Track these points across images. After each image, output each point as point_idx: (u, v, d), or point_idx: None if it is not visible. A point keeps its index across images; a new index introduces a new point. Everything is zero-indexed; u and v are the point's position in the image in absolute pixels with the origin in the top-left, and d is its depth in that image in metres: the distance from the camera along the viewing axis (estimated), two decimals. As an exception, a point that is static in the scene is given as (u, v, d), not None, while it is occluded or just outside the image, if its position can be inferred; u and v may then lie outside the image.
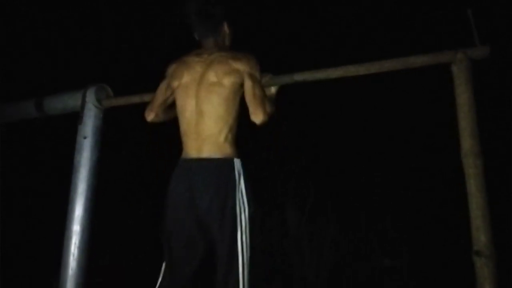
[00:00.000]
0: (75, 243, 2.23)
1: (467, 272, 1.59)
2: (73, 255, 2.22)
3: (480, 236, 1.48)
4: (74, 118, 2.37)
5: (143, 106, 2.24)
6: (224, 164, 1.75)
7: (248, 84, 1.80)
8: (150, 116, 1.98)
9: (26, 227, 3.49)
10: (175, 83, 1.89)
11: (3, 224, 2.96)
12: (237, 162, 1.76)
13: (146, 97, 2.25)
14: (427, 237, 3.73)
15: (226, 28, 1.92)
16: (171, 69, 1.96)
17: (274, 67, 2.01)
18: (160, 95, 1.97)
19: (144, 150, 3.78)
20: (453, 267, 3.17)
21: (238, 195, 1.72)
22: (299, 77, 1.95)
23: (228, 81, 1.78)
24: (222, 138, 1.77)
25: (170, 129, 2.02)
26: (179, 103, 1.87)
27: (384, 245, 3.84)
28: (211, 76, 1.80)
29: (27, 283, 3.29)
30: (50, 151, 3.50)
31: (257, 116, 1.79)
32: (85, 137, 2.34)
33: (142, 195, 3.97)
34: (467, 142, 1.58)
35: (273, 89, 2.02)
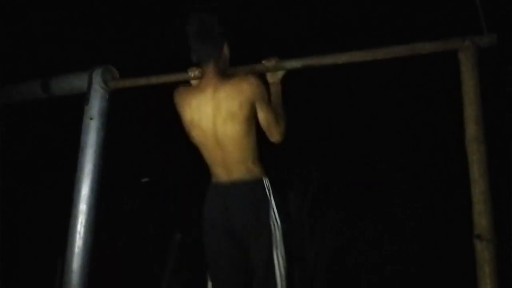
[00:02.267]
0: (81, 222, 2.26)
1: (467, 256, 1.62)
2: (79, 234, 2.26)
3: (481, 220, 1.51)
4: (81, 99, 2.39)
5: (149, 88, 2.27)
6: (256, 184, 1.82)
7: (261, 114, 1.82)
8: None
9: (33, 206, 3.53)
10: (187, 116, 1.87)
11: (10, 205, 3.00)
12: (266, 181, 1.84)
13: (152, 79, 2.27)
14: (428, 222, 3.77)
15: (226, 49, 1.89)
16: (178, 99, 1.91)
17: (280, 51, 2.02)
18: None
19: (150, 131, 3.79)
20: (453, 252, 3.21)
21: (271, 212, 1.79)
22: (305, 62, 1.96)
23: (241, 113, 1.77)
24: (249, 162, 1.82)
25: (175, 111, 2.03)
26: (198, 141, 1.89)
27: (384, 231, 3.87)
28: (224, 112, 1.78)
29: (33, 261, 3.35)
30: (56, 131, 3.52)
31: (274, 138, 1.89)
32: (91, 118, 2.36)
33: (148, 175, 4.00)
34: (472, 128, 1.60)
35: (279, 74, 2.02)
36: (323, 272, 3.73)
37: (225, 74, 1.88)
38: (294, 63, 1.98)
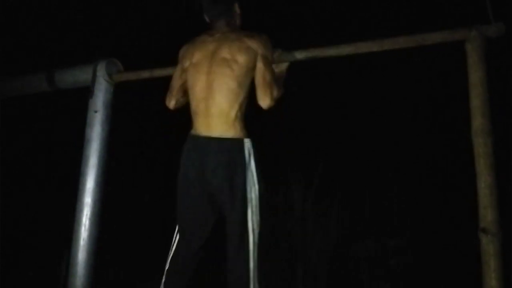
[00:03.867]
0: (86, 215, 2.28)
1: (472, 250, 1.61)
2: (85, 226, 2.28)
3: (487, 213, 1.49)
4: (85, 92, 2.39)
5: (153, 81, 2.26)
6: (235, 144, 1.76)
7: (259, 66, 1.80)
8: (171, 103, 1.99)
9: (38, 199, 3.56)
10: (186, 63, 1.90)
11: (15, 197, 3.03)
12: (247, 142, 1.77)
13: (156, 72, 2.26)
14: (432, 215, 3.75)
15: (237, 8, 1.91)
16: (182, 51, 1.96)
17: (284, 42, 2.00)
18: (176, 80, 1.97)
19: (154, 123, 3.79)
20: (458, 245, 3.19)
21: (249, 175, 1.73)
22: (309, 53, 1.94)
23: (241, 58, 1.77)
24: (232, 115, 1.76)
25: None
26: (190, 80, 1.87)
27: (388, 224, 3.86)
28: (224, 53, 1.79)
29: (39, 254, 3.38)
30: (61, 124, 3.53)
31: (264, 101, 1.82)
32: (96, 111, 2.37)
33: (153, 168, 4.01)
34: (478, 121, 1.58)
35: (283, 66, 1.99)
36: (326, 265, 3.73)
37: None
38: (298, 54, 1.95)
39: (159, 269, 1.90)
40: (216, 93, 1.77)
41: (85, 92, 2.39)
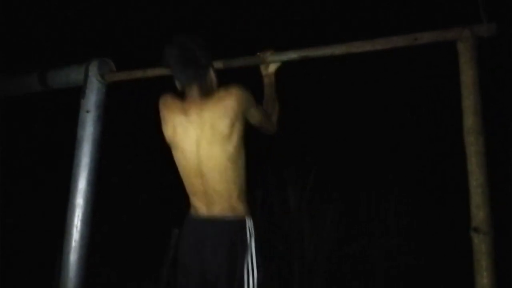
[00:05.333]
0: (78, 216, 2.26)
1: (464, 249, 1.61)
2: (76, 228, 2.26)
3: (479, 212, 1.49)
4: (77, 92, 2.37)
5: (146, 81, 2.25)
6: (237, 225, 1.68)
7: (251, 118, 1.74)
8: None
9: (29, 200, 3.53)
10: (167, 138, 1.79)
11: (6, 198, 2.99)
12: (249, 222, 1.70)
13: (149, 72, 2.25)
14: (426, 214, 3.76)
15: (212, 74, 1.77)
16: (161, 112, 1.81)
17: (275, 43, 2.00)
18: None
19: (147, 123, 3.78)
20: (450, 244, 3.20)
21: (248, 259, 1.66)
22: (301, 53, 1.93)
23: (234, 134, 1.65)
24: (234, 198, 1.69)
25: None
26: (179, 164, 1.77)
27: (384, 224, 3.87)
28: (211, 136, 1.66)
29: (30, 255, 3.35)
30: (53, 124, 3.51)
31: (269, 132, 1.87)
32: (88, 111, 2.35)
33: (145, 169, 4.00)
34: (470, 120, 1.58)
35: (273, 67, 1.99)
36: (322, 265, 3.73)
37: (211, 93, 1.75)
38: (290, 55, 1.95)
39: (151, 270, 1.89)
40: (212, 179, 1.68)
41: (77, 92, 2.37)
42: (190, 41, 1.73)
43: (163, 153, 1.89)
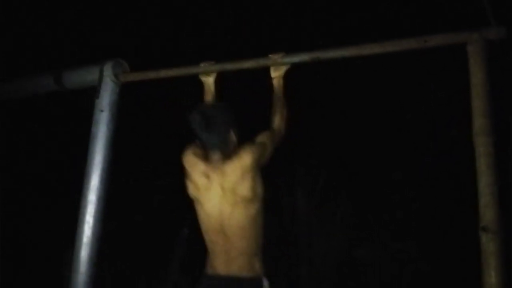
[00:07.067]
0: (90, 212, 2.30)
1: (472, 249, 1.61)
2: (88, 224, 2.29)
3: (488, 212, 1.50)
4: (92, 92, 2.42)
5: (159, 81, 2.29)
6: (254, 284, 1.72)
7: (268, 154, 1.80)
8: None
9: (43, 196, 3.59)
10: (190, 193, 1.84)
11: (22, 193, 3.05)
12: (265, 282, 1.74)
13: (162, 73, 2.29)
14: (435, 215, 3.73)
15: (232, 136, 1.81)
16: (185, 164, 1.87)
17: (285, 46, 2.03)
18: None
19: (159, 124, 3.83)
20: (458, 244, 3.18)
21: None
22: (312, 55, 1.96)
23: (256, 194, 1.73)
24: (252, 255, 1.74)
25: (183, 105, 2.05)
26: (201, 219, 1.82)
27: (392, 228, 3.84)
28: (234, 199, 1.71)
29: (43, 251, 3.40)
30: (68, 123, 3.58)
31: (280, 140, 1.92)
32: (101, 111, 2.40)
33: (156, 167, 4.03)
34: (479, 121, 1.59)
35: (282, 69, 2.02)
36: (330, 268, 3.72)
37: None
38: (302, 57, 1.98)
39: (161, 267, 1.91)
40: (233, 239, 1.73)
41: (92, 92, 2.43)
42: (212, 109, 1.80)
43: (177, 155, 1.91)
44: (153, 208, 3.84)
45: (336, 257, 3.77)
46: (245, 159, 1.73)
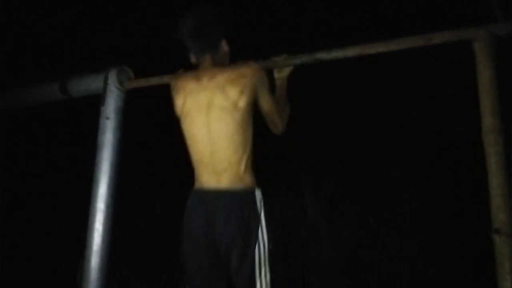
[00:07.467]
0: (99, 220, 2.31)
1: (486, 252, 1.58)
2: (98, 231, 2.31)
3: (500, 214, 1.47)
4: (97, 100, 2.43)
5: (163, 87, 2.29)
6: (247, 196, 1.67)
7: (262, 101, 1.73)
8: None
9: (51, 205, 3.61)
10: (178, 110, 1.80)
11: (30, 201, 3.07)
12: (258, 193, 1.69)
13: (165, 79, 2.29)
14: (446, 217, 3.68)
15: (224, 45, 1.77)
16: (172, 88, 1.85)
17: (286, 47, 2.01)
18: None
19: (165, 129, 3.83)
20: (472, 247, 3.12)
21: (259, 230, 1.64)
22: (315, 56, 1.93)
23: (241, 102, 1.66)
24: (242, 167, 1.67)
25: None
26: (187, 133, 1.77)
27: (402, 227, 3.80)
28: (221, 101, 1.67)
29: (53, 260, 3.43)
30: (74, 131, 3.59)
31: (277, 129, 1.83)
32: (107, 118, 2.40)
33: (164, 173, 4.04)
34: (488, 120, 1.56)
35: (286, 71, 1.99)
36: (338, 270, 3.69)
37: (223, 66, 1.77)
38: (304, 58, 1.96)
39: (170, 275, 1.90)
40: (222, 148, 1.67)
41: (97, 100, 2.44)
42: (203, 12, 1.75)
43: (182, 160, 1.90)
44: (160, 215, 3.85)
45: (344, 259, 3.73)
46: (245, 70, 1.68)
